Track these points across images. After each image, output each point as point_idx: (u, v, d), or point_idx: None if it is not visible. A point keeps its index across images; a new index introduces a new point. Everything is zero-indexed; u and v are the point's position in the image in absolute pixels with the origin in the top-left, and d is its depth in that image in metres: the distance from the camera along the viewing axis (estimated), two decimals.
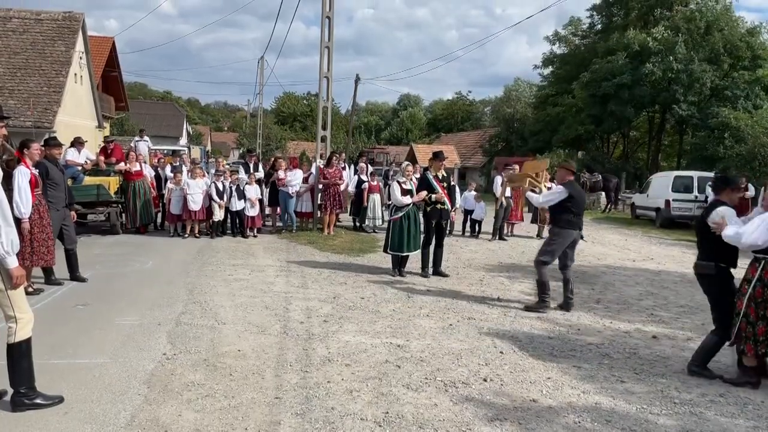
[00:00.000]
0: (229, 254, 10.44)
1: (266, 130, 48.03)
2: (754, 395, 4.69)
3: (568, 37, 38.68)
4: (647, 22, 32.63)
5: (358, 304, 7.14)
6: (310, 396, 4.34)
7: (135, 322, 6.08)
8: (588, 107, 31.78)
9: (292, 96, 76.12)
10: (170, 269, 9.00)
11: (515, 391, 4.59)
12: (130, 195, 12.41)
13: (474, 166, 43.43)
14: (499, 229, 14.15)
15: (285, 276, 8.70)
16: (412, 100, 79.15)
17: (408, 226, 8.84)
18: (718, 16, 28.99)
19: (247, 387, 4.47)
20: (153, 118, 45.26)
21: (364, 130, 63.95)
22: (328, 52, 14.11)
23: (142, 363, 4.91)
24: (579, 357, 5.48)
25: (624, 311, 7.39)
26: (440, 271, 9.16)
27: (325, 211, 13.23)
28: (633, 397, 4.54)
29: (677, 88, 28.03)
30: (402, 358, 5.21)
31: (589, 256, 11.94)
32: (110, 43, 28.75)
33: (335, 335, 5.83)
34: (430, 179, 8.96)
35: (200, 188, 12.17)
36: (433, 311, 6.93)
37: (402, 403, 4.27)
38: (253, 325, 6.08)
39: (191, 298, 7.18)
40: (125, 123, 38.46)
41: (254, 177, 13.10)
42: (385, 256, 9.55)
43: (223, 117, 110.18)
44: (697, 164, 24.59)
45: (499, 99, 47.93)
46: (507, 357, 5.38)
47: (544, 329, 6.38)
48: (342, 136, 51.34)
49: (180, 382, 4.52)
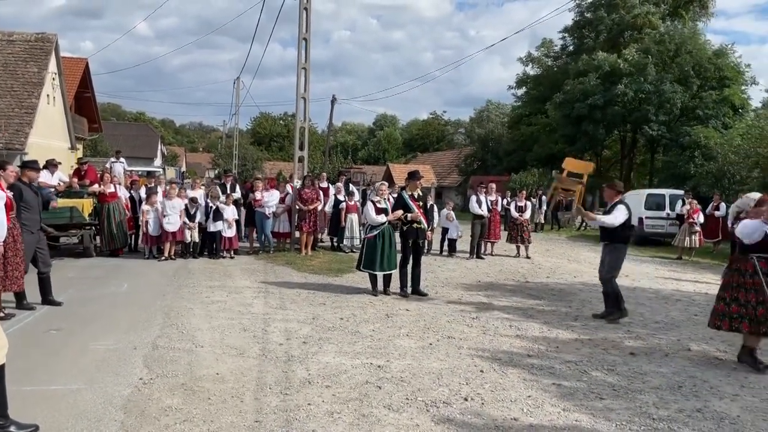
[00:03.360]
0: (206, 276, 10.32)
1: (242, 151, 47.89)
2: (730, 410, 4.76)
3: (541, 58, 39.40)
4: (617, 44, 33.41)
5: (338, 324, 7.10)
6: (290, 419, 4.29)
7: (110, 346, 5.97)
8: (561, 127, 32.34)
9: (269, 116, 76.09)
10: (146, 292, 8.87)
11: (496, 410, 4.60)
12: (104, 217, 12.23)
13: (450, 186, 43.78)
14: (477, 247, 14.23)
15: (263, 297, 8.62)
16: (388, 120, 79.70)
17: (382, 245, 8.84)
18: (686, 39, 29.83)
19: (225, 411, 4.40)
20: (127, 139, 44.86)
21: (341, 150, 64.08)
22: (305, 72, 14.19)
23: (118, 388, 4.81)
24: (558, 374, 5.52)
25: (601, 328, 7.47)
26: (419, 290, 9.16)
27: (303, 231, 13.19)
28: (612, 414, 4.58)
29: (648, 108, 28.67)
30: (382, 379, 5.19)
31: (565, 274, 12.06)
32: (84, 64, 28.47)
33: (315, 357, 5.79)
34: (406, 198, 9.02)
35: (176, 209, 12.05)
36: (413, 331, 6.92)
37: (383, 425, 4.24)
38: (232, 348, 6.01)
39: (168, 321, 7.07)
40: (99, 144, 38.04)
41: (231, 198, 13.03)
42: (363, 276, 9.54)
43: (199, 138, 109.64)
44: (669, 182, 25.09)
45: (471, 120, 48.57)
46: (487, 376, 5.39)
47: (524, 347, 6.41)
48: (319, 156, 51.39)
49: (157, 407, 4.43)
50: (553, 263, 13.80)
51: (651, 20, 32.11)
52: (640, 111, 29.22)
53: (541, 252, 15.69)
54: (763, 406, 4.87)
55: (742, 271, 5.85)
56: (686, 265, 14.54)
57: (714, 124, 27.42)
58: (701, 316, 8.26)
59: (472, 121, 47.61)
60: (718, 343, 6.86)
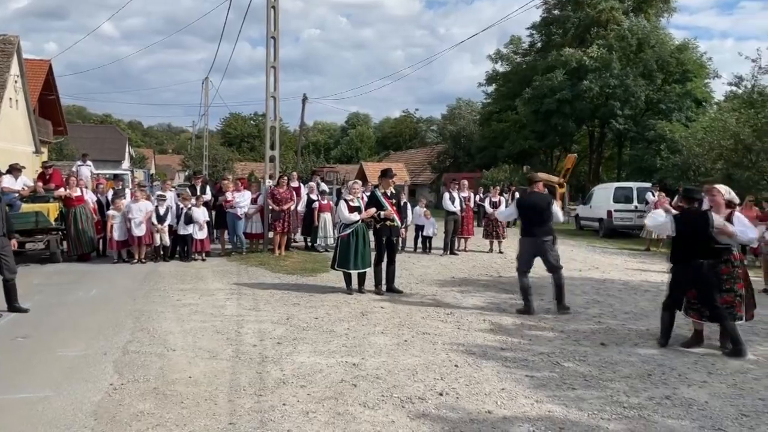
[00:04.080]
0: (177, 279, 10.19)
1: (213, 152, 47.38)
2: (698, 396, 4.87)
3: (510, 55, 39.77)
4: (584, 40, 33.90)
5: (312, 324, 7.08)
6: (265, 420, 4.27)
7: (79, 352, 5.85)
8: (531, 123, 32.73)
9: (239, 116, 75.40)
10: (115, 297, 8.72)
11: (471, 403, 4.63)
12: (71, 221, 11.99)
13: (423, 183, 43.94)
14: (451, 243, 14.32)
15: (236, 299, 8.55)
16: (360, 119, 79.64)
17: (356, 243, 8.84)
18: (648, 34, 30.39)
19: (199, 414, 4.35)
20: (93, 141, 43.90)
21: (313, 150, 63.85)
22: (274, 71, 14.09)
23: (87, 395, 4.72)
24: (531, 366, 5.58)
25: (572, 320, 7.57)
26: (393, 287, 9.18)
27: (276, 231, 13.10)
28: (584, 404, 4.65)
29: (614, 103, 29.18)
30: (358, 377, 5.19)
31: (537, 268, 12.16)
32: (47, 65, 27.88)
33: (289, 357, 5.76)
34: (379, 196, 9.03)
35: (143, 212, 11.86)
36: (388, 328, 6.93)
37: (359, 422, 4.24)
38: (204, 351, 5.94)
39: (138, 325, 6.96)
40: (64, 148, 37.23)
41: (201, 199, 12.88)
42: (338, 275, 9.52)
43: (168, 139, 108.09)
44: (636, 175, 25.58)
45: (443, 118, 48.84)
46: (462, 370, 5.43)
47: (498, 341, 6.47)
48: (291, 155, 51.15)
49: (128, 413, 4.37)
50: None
51: (615, 16, 32.65)
52: (606, 106, 29.74)
53: (514, 247, 15.70)
54: (730, 392, 5.00)
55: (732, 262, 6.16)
56: (654, 256, 14.83)
57: (678, 117, 28.01)
58: None
59: (444, 118, 47.87)
60: (686, 332, 7.00)
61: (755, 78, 18.33)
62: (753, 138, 17.18)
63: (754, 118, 17.33)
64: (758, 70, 17.91)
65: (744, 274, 6.29)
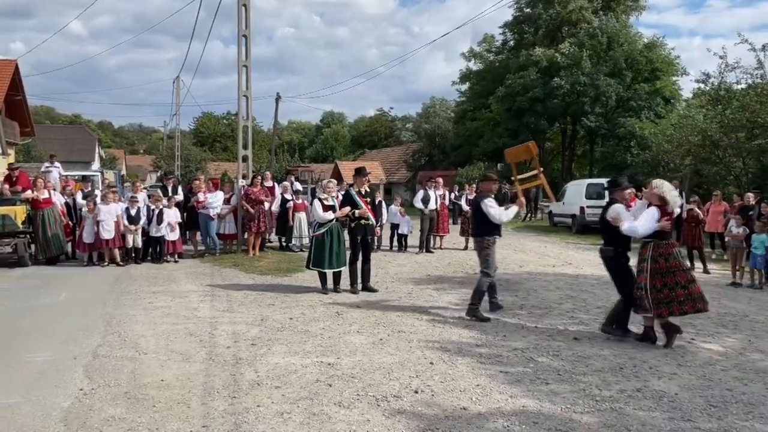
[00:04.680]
0: (149, 281, 10.04)
1: (185, 152, 46.79)
2: (668, 388, 4.95)
3: (483, 53, 39.97)
4: (555, 38, 34.27)
5: (287, 324, 7.03)
6: (239, 422, 4.23)
7: (48, 357, 5.73)
8: (505, 121, 32.98)
9: (211, 116, 74.55)
10: (85, 300, 8.56)
11: (446, 400, 4.65)
12: (39, 224, 11.74)
13: (399, 181, 43.96)
14: (426, 241, 14.36)
15: (209, 301, 8.45)
16: (335, 118, 79.39)
17: (330, 243, 8.81)
18: (618, 32, 30.83)
19: (172, 418, 4.30)
20: (62, 142, 43.00)
21: (288, 149, 63.42)
22: (246, 70, 13.97)
23: (57, 400, 4.63)
24: (506, 362, 5.62)
25: (546, 315, 7.65)
26: (369, 286, 9.17)
27: (250, 231, 12.98)
28: (557, 398, 4.70)
29: (585, 101, 29.57)
30: (333, 377, 5.17)
31: (511, 264, 12.30)
32: (13, 65, 27.18)
33: (264, 358, 5.72)
34: (354, 195, 9.01)
35: (113, 214, 11.66)
36: (363, 327, 6.92)
37: (334, 422, 4.23)
38: (177, 353, 5.87)
39: (109, 329, 6.84)
40: (32, 149, 36.42)
41: (173, 200, 12.71)
42: (313, 275, 9.48)
43: (139, 139, 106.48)
44: (608, 172, 25.90)
45: (418, 116, 48.93)
46: (437, 367, 5.44)
47: (472, 337, 6.50)
48: (265, 155, 50.77)
49: (99, 418, 4.29)
50: (500, 254, 13.91)
51: (585, 15, 33.05)
52: (577, 103, 30.11)
53: None
54: (699, 383, 5.10)
55: (667, 255, 6.12)
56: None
57: (647, 114, 28.48)
58: None
59: (419, 116, 47.95)
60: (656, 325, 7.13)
61: (722, 75, 18.74)
62: (720, 134, 17.55)
63: (721, 115, 17.71)
64: (725, 67, 18.32)
65: (656, 269, 6.07)
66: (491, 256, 7.56)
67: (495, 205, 7.47)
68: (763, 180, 16.23)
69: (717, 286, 10.03)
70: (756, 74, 17.68)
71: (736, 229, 10.59)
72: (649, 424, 4.22)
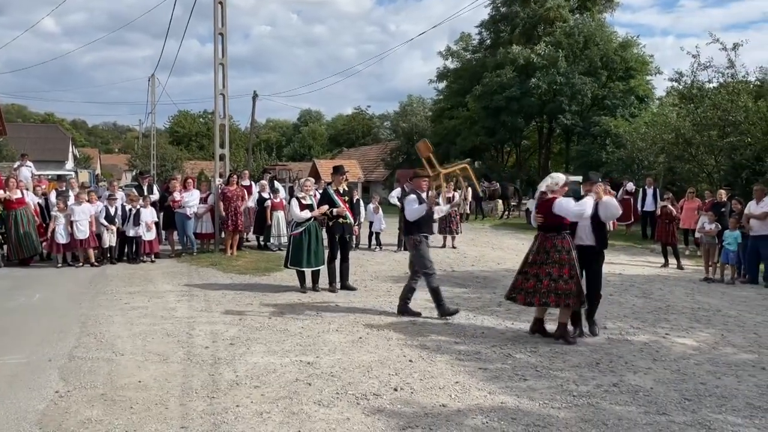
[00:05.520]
0: (125, 282, 9.92)
1: (161, 151, 46.24)
2: (644, 382, 5.04)
3: (460, 52, 40.08)
4: (531, 37, 34.52)
5: (266, 323, 7.00)
6: (218, 422, 4.20)
7: (22, 359, 5.64)
8: (482, 119, 33.15)
9: (188, 114, 73.78)
10: (60, 301, 8.42)
11: (425, 397, 4.67)
12: (11, 225, 11.49)
13: (377, 180, 43.97)
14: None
15: (187, 301, 8.38)
16: (313, 116, 79.06)
17: (309, 242, 8.79)
18: (594, 32, 31.18)
19: (149, 419, 4.25)
20: (35, 141, 42.19)
21: (265, 147, 63.03)
22: (223, 68, 13.86)
23: (32, 403, 4.55)
24: (484, 359, 5.67)
25: (524, 312, 7.68)
26: (348, 285, 9.17)
27: (228, 231, 12.88)
28: (535, 394, 4.75)
29: (562, 99, 29.86)
30: (312, 375, 5.16)
31: (489, 262, 12.39)
32: None
33: (243, 357, 5.69)
34: (331, 194, 9.00)
35: (86, 214, 11.48)
36: (343, 325, 6.92)
37: (314, 421, 4.23)
38: (154, 354, 5.81)
39: (84, 330, 6.74)
40: (3, 148, 35.68)
41: (149, 200, 12.56)
42: (291, 274, 9.45)
43: (113, 138, 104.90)
44: (584, 169, 26.15)
45: (396, 114, 48.97)
46: (416, 365, 5.47)
47: (451, 335, 6.54)
48: (242, 154, 50.39)
49: (75, 420, 4.23)
50: (478, 252, 14.13)
51: (561, 13, 33.35)
52: (554, 102, 30.38)
53: (466, 241, 16.02)
54: (674, 377, 5.20)
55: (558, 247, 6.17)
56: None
57: (621, 113, 28.86)
58: (616, 295, 8.72)
59: (397, 115, 48.00)
60: (632, 320, 7.26)
61: (694, 74, 19.04)
62: (693, 132, 17.84)
63: (693, 113, 18.00)
64: (697, 66, 18.61)
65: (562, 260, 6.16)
66: (425, 253, 7.38)
67: (415, 203, 7.31)
68: (734, 177, 16.53)
69: (690, 282, 10.22)
70: (727, 73, 17.98)
71: (709, 225, 10.79)
72: (626, 418, 4.29)
